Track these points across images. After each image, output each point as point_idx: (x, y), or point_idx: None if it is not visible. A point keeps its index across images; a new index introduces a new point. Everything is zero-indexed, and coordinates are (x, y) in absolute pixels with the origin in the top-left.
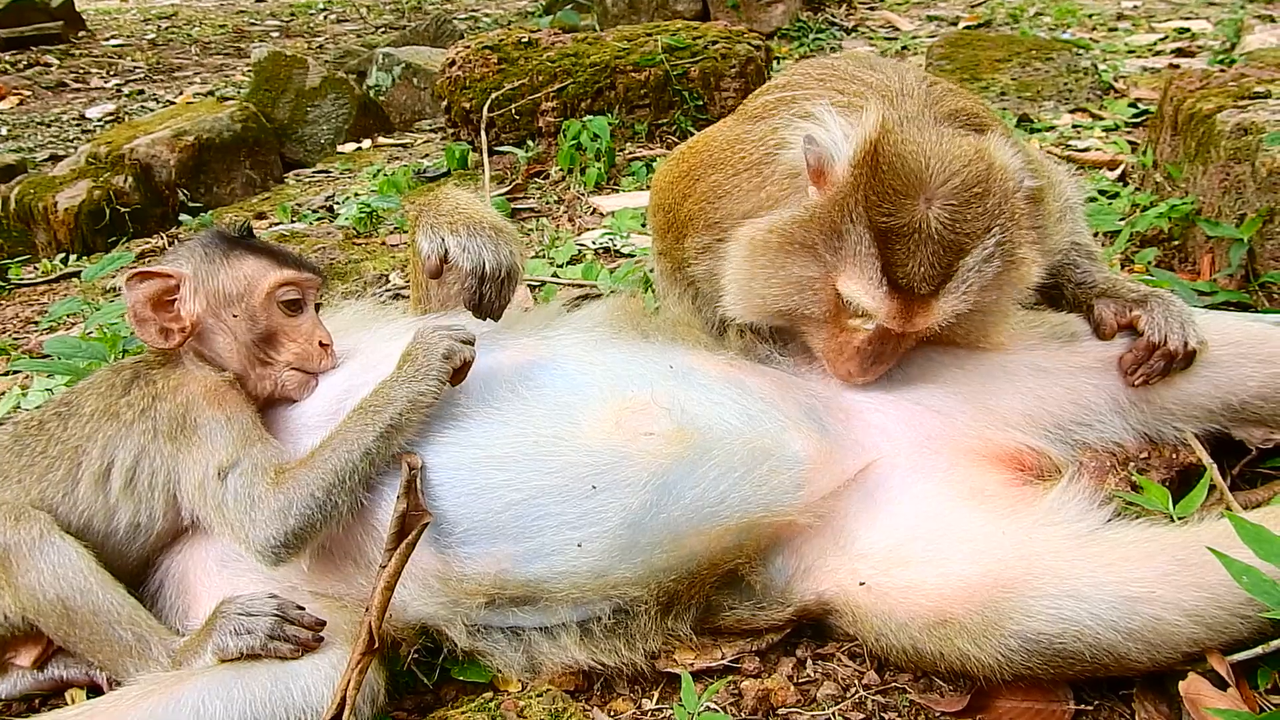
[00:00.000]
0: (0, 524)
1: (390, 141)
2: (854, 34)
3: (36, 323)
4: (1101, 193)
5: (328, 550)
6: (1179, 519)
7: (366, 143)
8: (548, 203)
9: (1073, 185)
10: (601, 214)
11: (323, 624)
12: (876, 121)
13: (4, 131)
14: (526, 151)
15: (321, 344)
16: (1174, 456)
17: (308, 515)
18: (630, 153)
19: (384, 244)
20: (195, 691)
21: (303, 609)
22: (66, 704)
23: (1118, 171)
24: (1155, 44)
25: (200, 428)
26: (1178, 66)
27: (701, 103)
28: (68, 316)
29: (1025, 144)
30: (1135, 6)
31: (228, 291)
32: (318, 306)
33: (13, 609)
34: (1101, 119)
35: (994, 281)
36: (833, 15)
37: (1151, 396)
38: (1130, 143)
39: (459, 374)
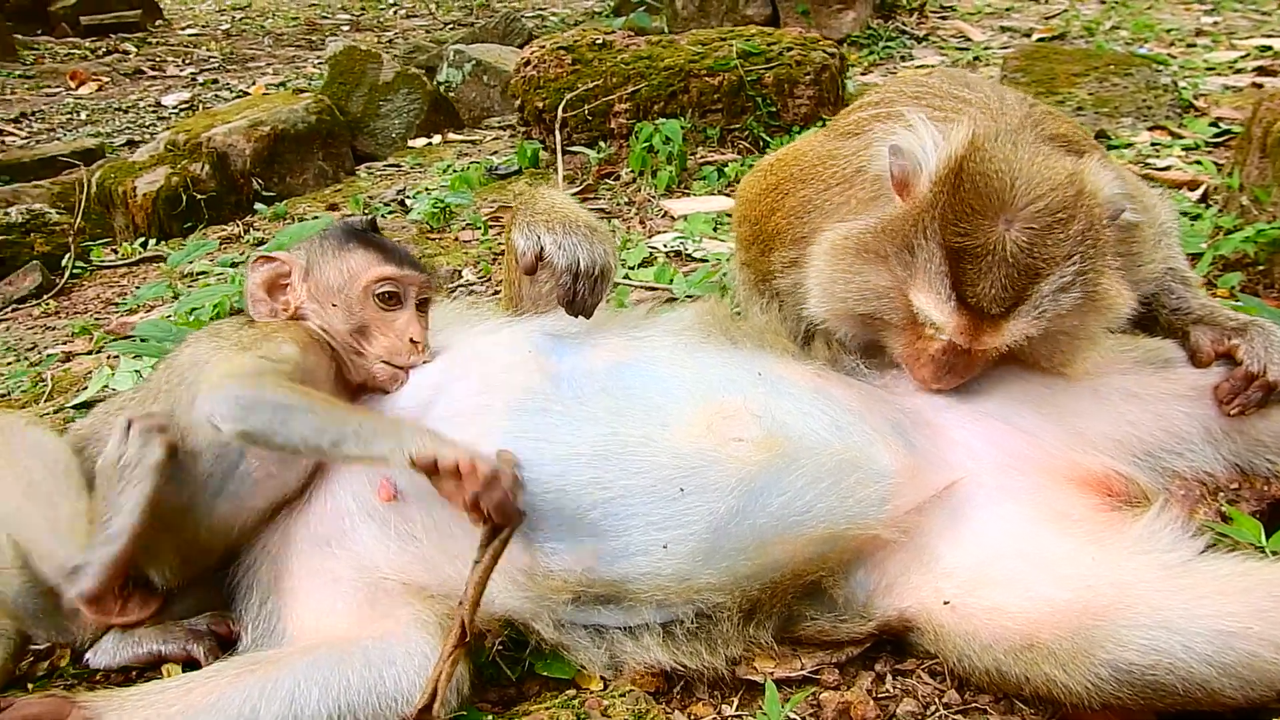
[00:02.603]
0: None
1: (460, 138)
2: (925, 43)
3: (117, 304)
4: (1183, 213)
5: (418, 540)
6: (1272, 553)
7: (436, 138)
8: (618, 204)
9: (1168, 209)
10: (673, 217)
11: None
12: (965, 137)
13: (84, 116)
14: (598, 152)
15: (412, 340)
16: (1265, 489)
17: (262, 404)
18: (702, 157)
19: (457, 239)
20: (292, 675)
21: None
22: (162, 677)
23: (1199, 192)
24: (1236, 61)
25: (274, 344)
26: (1261, 85)
27: (775, 109)
28: (150, 300)
29: (1120, 168)
30: (1215, 22)
31: (330, 282)
32: (426, 303)
33: None
34: (1181, 137)
35: (1073, 312)
36: (904, 24)
37: (1245, 427)
38: (1215, 163)
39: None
